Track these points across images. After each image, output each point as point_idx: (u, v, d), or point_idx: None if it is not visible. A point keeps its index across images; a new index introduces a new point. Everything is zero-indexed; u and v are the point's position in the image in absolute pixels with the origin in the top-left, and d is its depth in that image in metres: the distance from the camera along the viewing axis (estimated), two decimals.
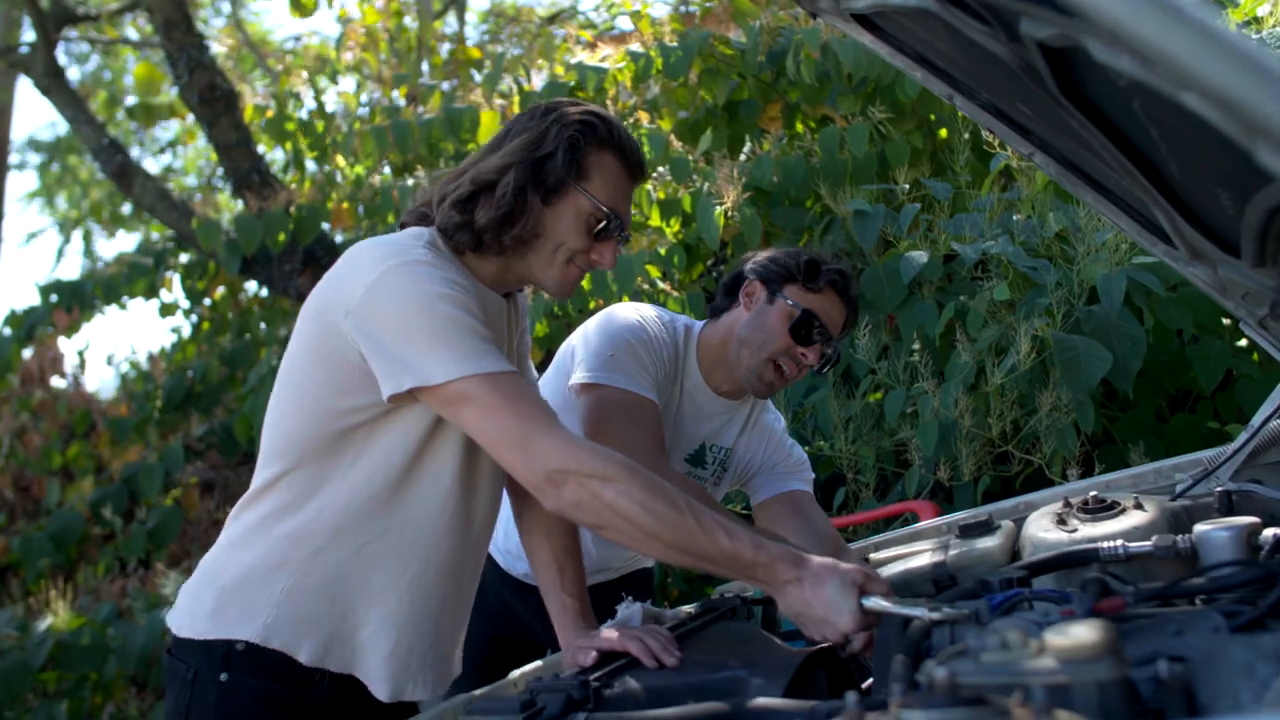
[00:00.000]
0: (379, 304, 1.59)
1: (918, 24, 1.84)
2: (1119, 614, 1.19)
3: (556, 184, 1.75)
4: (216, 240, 4.92)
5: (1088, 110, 1.54)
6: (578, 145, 1.76)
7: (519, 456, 1.57)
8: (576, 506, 1.57)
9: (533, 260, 1.79)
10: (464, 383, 1.57)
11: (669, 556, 1.64)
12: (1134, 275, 2.90)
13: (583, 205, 1.77)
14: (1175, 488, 2.11)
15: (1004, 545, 2.02)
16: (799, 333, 2.27)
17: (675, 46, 4.45)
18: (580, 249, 1.79)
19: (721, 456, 2.45)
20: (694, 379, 2.37)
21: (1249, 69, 0.61)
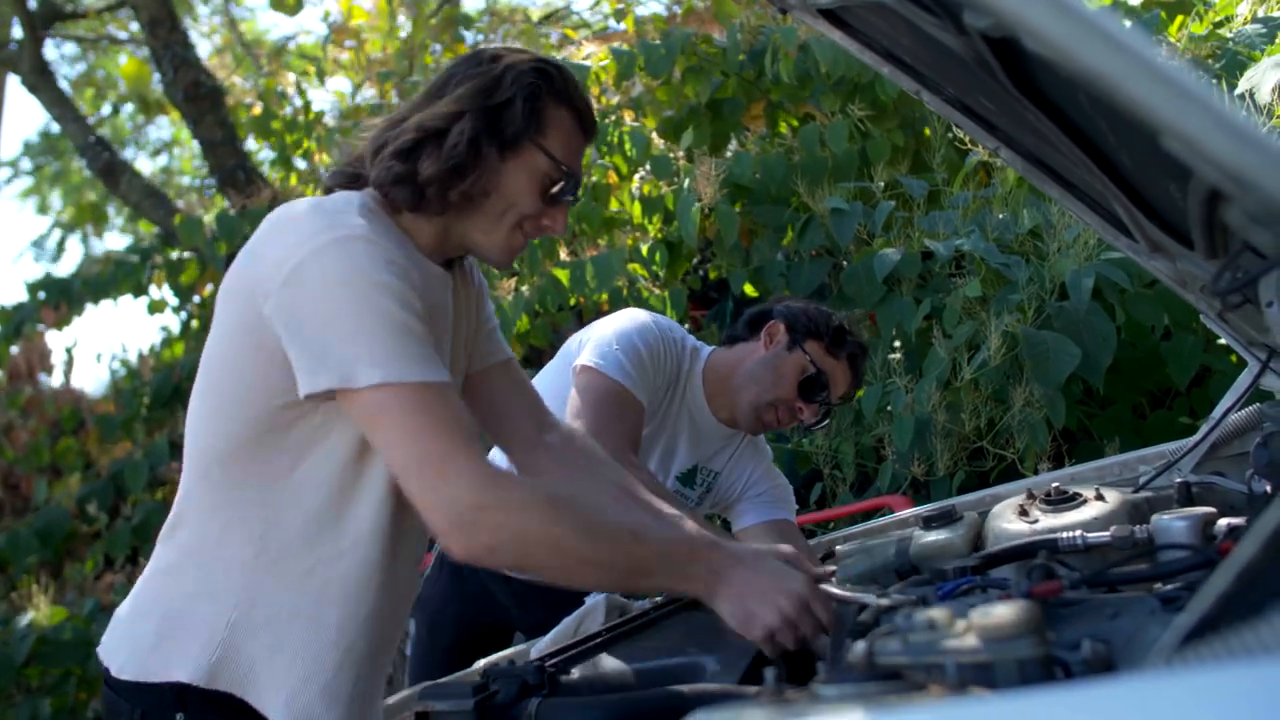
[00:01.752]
0: (304, 286, 1.38)
1: (881, 19, 1.86)
2: (1056, 597, 1.20)
3: (514, 137, 1.55)
4: (199, 237, 4.93)
5: (1041, 103, 1.55)
6: (536, 96, 1.56)
7: (429, 495, 1.36)
8: (490, 549, 1.37)
9: (477, 221, 1.59)
10: (386, 391, 1.36)
11: (597, 583, 1.53)
12: (1103, 271, 2.92)
13: (539, 163, 1.57)
14: (1138, 480, 2.13)
15: (966, 536, 2.04)
16: (807, 388, 2.35)
17: (658, 45, 4.46)
18: (531, 212, 1.60)
19: (709, 480, 2.50)
20: (697, 400, 2.42)
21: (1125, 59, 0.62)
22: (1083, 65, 0.66)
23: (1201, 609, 0.67)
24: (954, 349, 3.17)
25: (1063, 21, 0.65)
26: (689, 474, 2.47)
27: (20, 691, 4.58)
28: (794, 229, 4.08)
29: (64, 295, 6.31)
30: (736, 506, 2.53)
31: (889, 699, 0.78)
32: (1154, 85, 0.63)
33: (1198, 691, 0.51)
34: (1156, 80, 0.63)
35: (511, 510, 1.37)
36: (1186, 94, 0.63)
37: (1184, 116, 0.63)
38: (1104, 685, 0.55)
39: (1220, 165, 0.66)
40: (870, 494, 3.54)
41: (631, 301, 4.22)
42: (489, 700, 1.37)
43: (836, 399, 2.41)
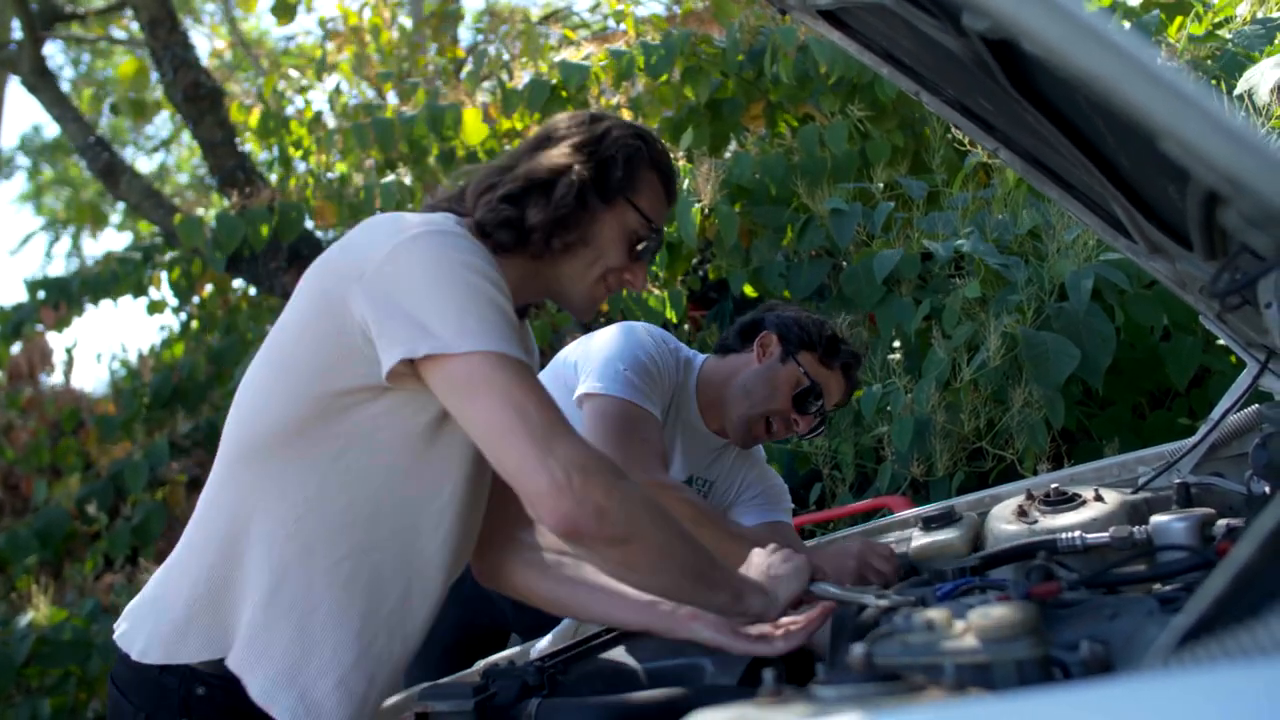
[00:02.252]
0: (402, 266, 1.41)
1: (880, 20, 1.86)
2: (1055, 598, 1.20)
3: (614, 192, 1.64)
4: (199, 238, 4.94)
5: (1040, 104, 1.56)
6: (635, 157, 1.67)
7: (537, 452, 1.34)
8: (600, 515, 1.34)
9: (568, 270, 1.66)
10: (486, 359, 1.37)
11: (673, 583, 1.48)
12: (1103, 272, 2.92)
13: (631, 220, 1.66)
14: (1137, 481, 2.13)
15: (965, 537, 2.05)
16: (801, 401, 2.33)
17: (657, 45, 4.47)
18: (617, 265, 1.67)
19: (705, 489, 2.50)
20: (691, 411, 2.41)
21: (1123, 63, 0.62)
22: (1081, 68, 0.66)
23: (1199, 610, 0.67)
24: (953, 350, 3.17)
25: (1061, 24, 0.65)
26: (685, 484, 2.47)
27: (20, 692, 4.57)
28: (793, 230, 4.08)
29: (64, 295, 6.31)
30: (731, 511, 2.53)
31: (887, 700, 0.78)
32: (1151, 88, 0.63)
33: (1195, 692, 0.51)
34: (1154, 83, 0.63)
35: (620, 478, 1.39)
36: (1183, 97, 0.63)
37: (1181, 120, 0.64)
38: (1102, 686, 0.55)
39: (1217, 168, 0.66)
40: (869, 494, 3.54)
41: (631, 302, 4.22)
42: (489, 701, 1.38)
43: (831, 408, 2.40)
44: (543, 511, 1.35)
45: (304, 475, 1.49)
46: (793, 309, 2.46)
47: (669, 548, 1.44)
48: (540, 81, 4.62)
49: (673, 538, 1.45)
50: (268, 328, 5.46)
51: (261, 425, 1.51)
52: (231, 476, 1.55)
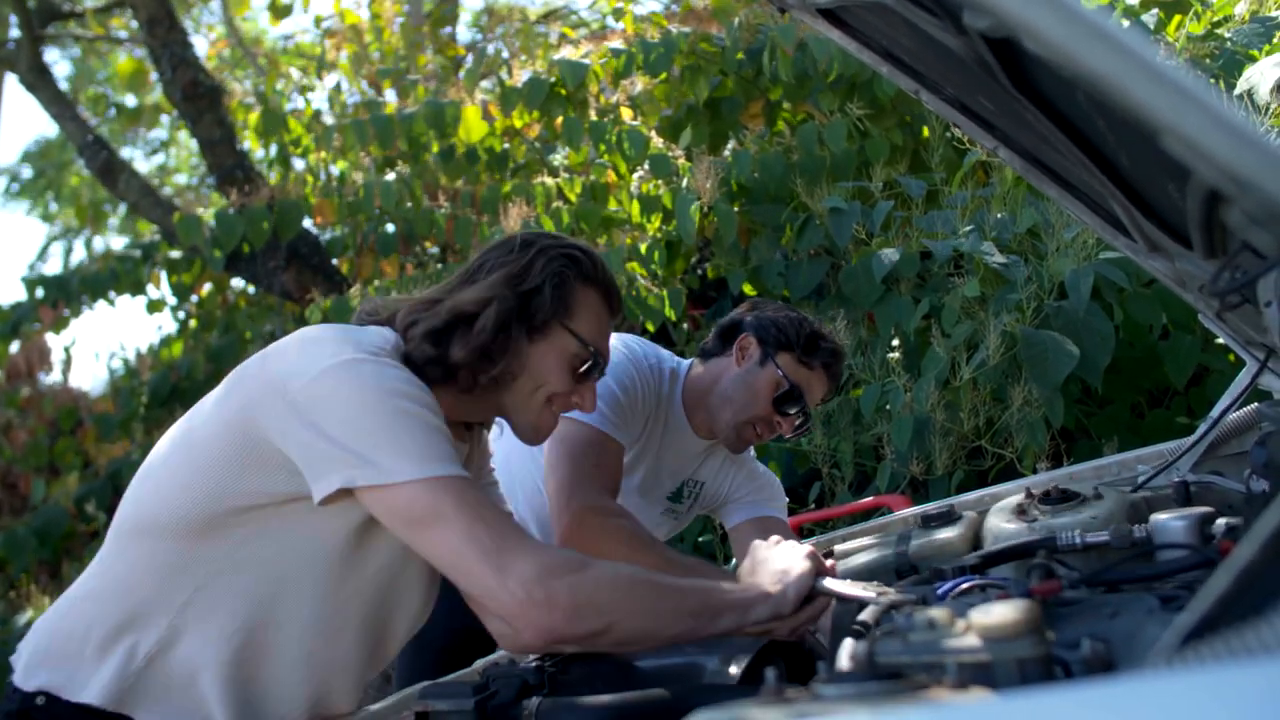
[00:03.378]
0: (331, 391, 1.41)
1: (880, 19, 1.86)
2: (1056, 597, 1.20)
3: (543, 322, 1.62)
4: (198, 236, 4.93)
5: (1041, 104, 1.56)
6: (565, 281, 1.64)
7: (495, 578, 1.35)
8: (570, 617, 1.35)
9: (507, 400, 1.65)
10: (427, 486, 1.38)
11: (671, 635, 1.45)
12: (1102, 271, 2.92)
13: (568, 345, 1.64)
14: (1136, 479, 2.13)
15: (965, 535, 2.04)
16: (782, 404, 2.29)
17: (656, 43, 4.47)
18: (561, 390, 1.65)
19: (696, 490, 2.49)
20: (678, 420, 2.38)
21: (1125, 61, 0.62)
22: (1084, 67, 0.66)
23: (1202, 609, 0.67)
24: (952, 348, 3.17)
25: (1064, 23, 0.65)
26: (677, 492, 2.46)
27: None
28: (792, 228, 4.08)
29: (62, 293, 6.30)
30: (724, 508, 2.52)
31: (890, 699, 0.78)
32: (1154, 86, 0.63)
33: (1199, 691, 0.51)
34: (1157, 81, 0.63)
35: (580, 568, 1.39)
36: (1186, 94, 0.63)
37: (1184, 117, 0.63)
38: (1106, 685, 0.55)
39: (1219, 165, 0.66)
40: (869, 493, 3.54)
41: (631, 302, 4.21)
42: (489, 700, 1.37)
43: (815, 405, 2.37)
44: (520, 628, 1.37)
45: (205, 556, 1.49)
46: (772, 307, 2.41)
47: (653, 610, 1.42)
48: (539, 79, 4.62)
49: (650, 596, 1.43)
50: (267, 327, 5.46)
51: (164, 510, 1.50)
52: (128, 547, 1.54)
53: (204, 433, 1.52)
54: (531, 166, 5.16)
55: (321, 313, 4.68)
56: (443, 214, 4.83)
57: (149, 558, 1.51)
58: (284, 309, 5.50)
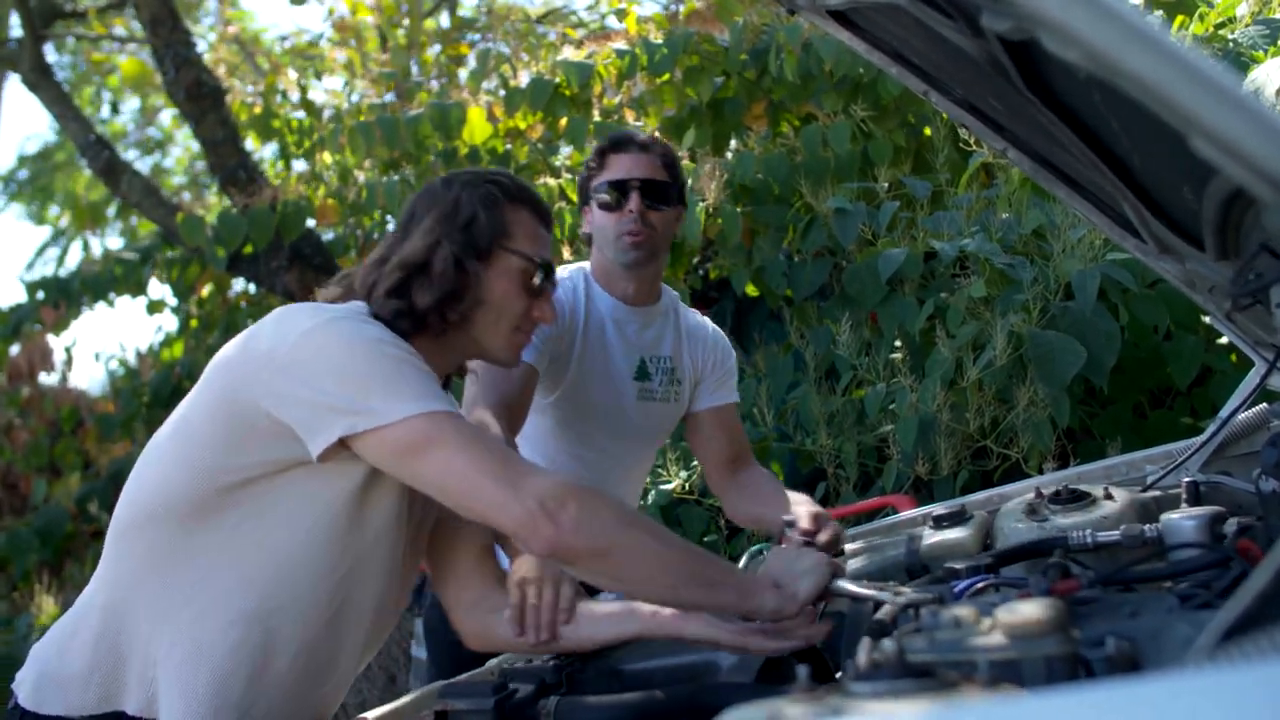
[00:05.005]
0: (318, 348, 1.46)
1: (891, 20, 1.87)
2: (1075, 596, 1.21)
3: (487, 248, 1.68)
4: (201, 237, 4.93)
5: (1053, 105, 1.56)
6: (494, 203, 1.71)
7: (506, 491, 1.41)
8: (577, 529, 1.41)
9: (477, 335, 1.71)
10: (427, 418, 1.43)
11: (669, 587, 1.48)
12: (1109, 272, 2.93)
13: (514, 264, 1.70)
14: (1145, 479, 2.14)
15: (976, 535, 2.05)
16: (611, 204, 2.36)
17: (660, 44, 4.47)
18: (522, 311, 1.72)
19: (666, 366, 2.49)
20: (602, 301, 2.43)
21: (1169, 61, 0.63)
22: (1126, 69, 0.67)
23: (1241, 607, 0.68)
24: (958, 349, 3.18)
25: (1101, 22, 0.65)
26: (640, 369, 2.47)
27: None
28: (796, 229, 4.09)
29: (63, 295, 6.30)
30: (700, 388, 2.56)
31: (922, 696, 0.79)
32: (1198, 89, 0.64)
33: (1244, 687, 0.52)
34: (1200, 83, 0.64)
35: (592, 496, 1.45)
36: (1229, 95, 0.64)
37: (1226, 119, 0.64)
38: (1150, 681, 0.56)
39: (1259, 168, 0.66)
40: (873, 493, 3.55)
41: None
42: (508, 699, 1.38)
43: (642, 177, 2.36)
44: (528, 540, 1.42)
45: (201, 543, 1.52)
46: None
47: (655, 552, 1.47)
48: (543, 80, 4.63)
49: (654, 540, 1.48)
50: None
51: (161, 496, 1.54)
52: (132, 541, 1.57)
53: (193, 419, 1.56)
54: (534, 167, 5.17)
55: None
56: None
57: (147, 552, 1.54)
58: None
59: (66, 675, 1.57)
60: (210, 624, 1.52)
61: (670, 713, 1.36)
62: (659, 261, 2.47)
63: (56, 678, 1.58)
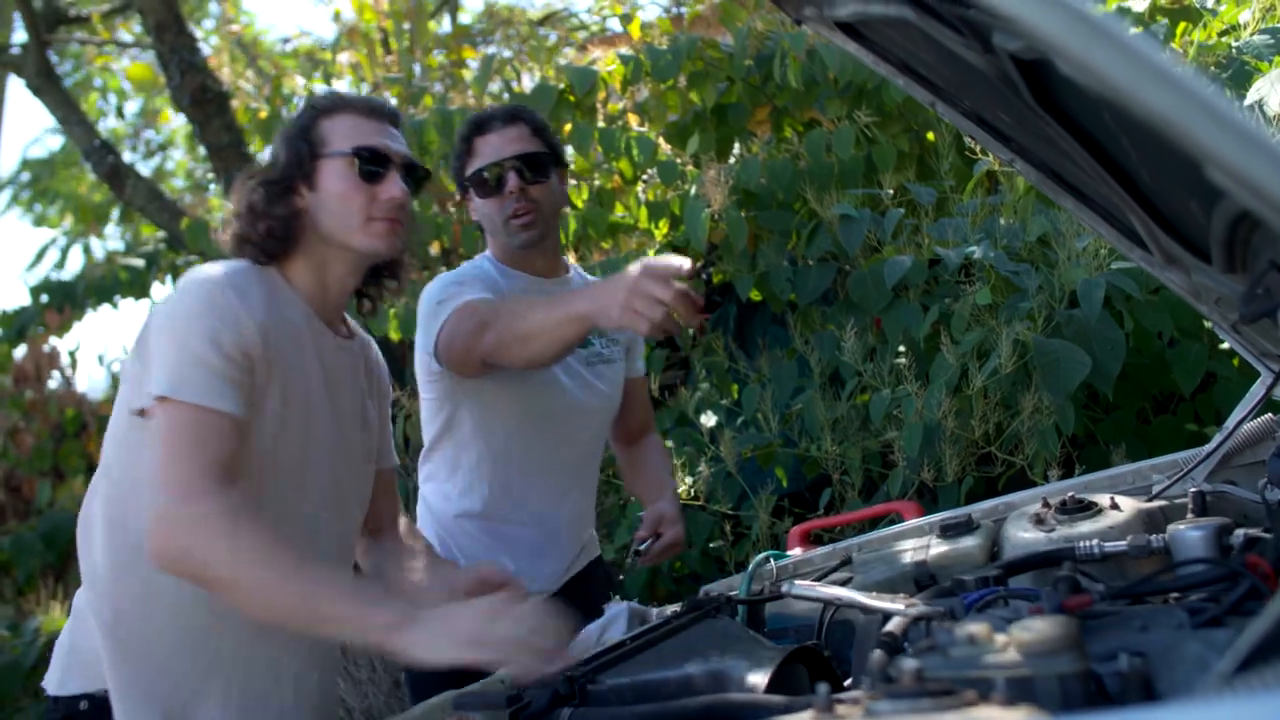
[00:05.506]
0: (158, 316, 1.69)
1: (900, 33, 1.88)
2: (1086, 610, 1.22)
3: (309, 166, 1.83)
4: (206, 242, 4.94)
5: (1063, 120, 1.57)
6: (308, 126, 1.86)
7: (156, 494, 1.59)
8: (180, 555, 1.56)
9: (339, 240, 1.84)
10: (160, 403, 1.62)
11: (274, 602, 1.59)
12: (1114, 280, 2.94)
13: (338, 165, 1.83)
14: (1151, 489, 2.15)
15: (983, 545, 2.06)
16: (489, 189, 2.36)
17: (664, 50, 4.49)
18: (364, 201, 1.83)
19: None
20: (519, 281, 2.42)
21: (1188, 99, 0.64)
22: (1145, 105, 0.68)
23: (1260, 632, 0.69)
24: (962, 355, 3.19)
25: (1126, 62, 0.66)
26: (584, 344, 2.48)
27: (28, 696, 4.58)
28: (800, 235, 4.09)
29: (68, 298, 6.31)
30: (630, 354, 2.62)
31: (943, 715, 0.80)
32: (1216, 127, 0.65)
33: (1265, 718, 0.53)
34: (1219, 122, 0.65)
35: (214, 527, 1.56)
36: (1248, 136, 0.65)
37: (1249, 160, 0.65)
38: (1170, 709, 0.57)
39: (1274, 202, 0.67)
40: (877, 499, 3.55)
41: None
42: (522, 710, 1.39)
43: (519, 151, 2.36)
44: (146, 543, 1.58)
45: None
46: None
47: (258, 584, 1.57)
48: (548, 86, 4.64)
49: (264, 573, 1.56)
50: None
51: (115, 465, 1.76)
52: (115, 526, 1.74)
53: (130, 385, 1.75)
54: None
55: None
56: (449, 219, 4.85)
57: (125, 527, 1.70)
58: None
59: (85, 656, 1.72)
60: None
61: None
62: (555, 232, 2.49)
63: (77, 660, 1.74)
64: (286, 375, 1.76)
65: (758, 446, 3.75)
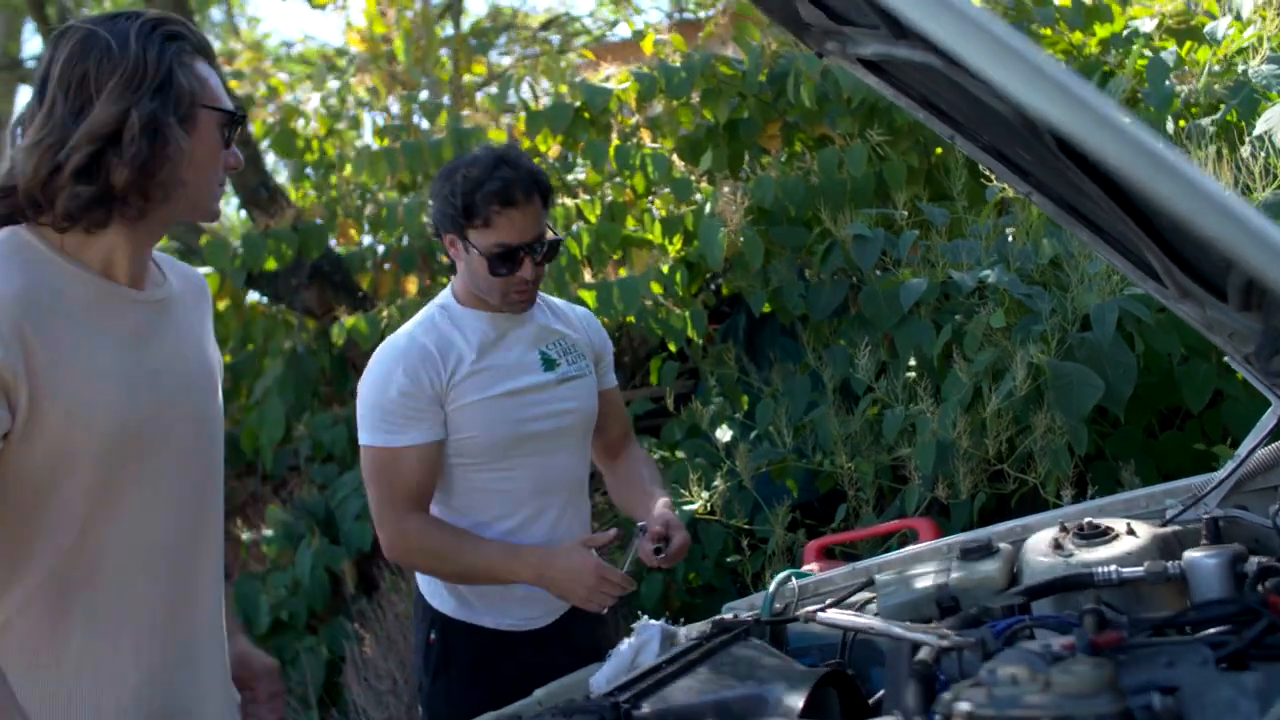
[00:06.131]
0: None
1: (923, 73, 1.93)
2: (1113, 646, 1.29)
3: (189, 109, 1.56)
4: (224, 258, 5.02)
5: (1085, 167, 1.63)
6: (183, 57, 1.57)
7: None
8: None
9: (189, 198, 1.61)
10: None
11: None
12: (1126, 305, 3.01)
13: (211, 119, 1.60)
14: (1165, 513, 2.21)
15: (1003, 569, 2.12)
16: (499, 268, 2.35)
17: (678, 67, 4.56)
18: (219, 165, 1.64)
19: (562, 346, 2.54)
20: (472, 324, 2.43)
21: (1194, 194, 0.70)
22: (1155, 194, 0.74)
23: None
24: (974, 374, 3.25)
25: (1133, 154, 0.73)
26: (546, 360, 2.51)
27: None
28: (812, 251, 4.16)
29: None
30: (599, 368, 2.64)
31: None
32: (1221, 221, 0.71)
33: None
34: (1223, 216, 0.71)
35: None
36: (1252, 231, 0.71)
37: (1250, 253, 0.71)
38: None
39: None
40: (890, 513, 3.61)
41: (653, 321, 4.29)
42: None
43: (536, 233, 2.36)
44: None
45: None
46: (440, 183, 2.41)
47: None
48: (564, 104, 4.71)
49: None
50: (287, 343, 5.54)
51: None
52: None
53: None
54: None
55: (345, 331, 4.77)
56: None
57: None
58: (305, 325, 5.59)
59: None
60: None
61: None
62: None
63: None
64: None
65: (772, 461, 3.81)
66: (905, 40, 1.73)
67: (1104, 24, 4.27)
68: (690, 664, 1.82)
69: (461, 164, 2.40)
